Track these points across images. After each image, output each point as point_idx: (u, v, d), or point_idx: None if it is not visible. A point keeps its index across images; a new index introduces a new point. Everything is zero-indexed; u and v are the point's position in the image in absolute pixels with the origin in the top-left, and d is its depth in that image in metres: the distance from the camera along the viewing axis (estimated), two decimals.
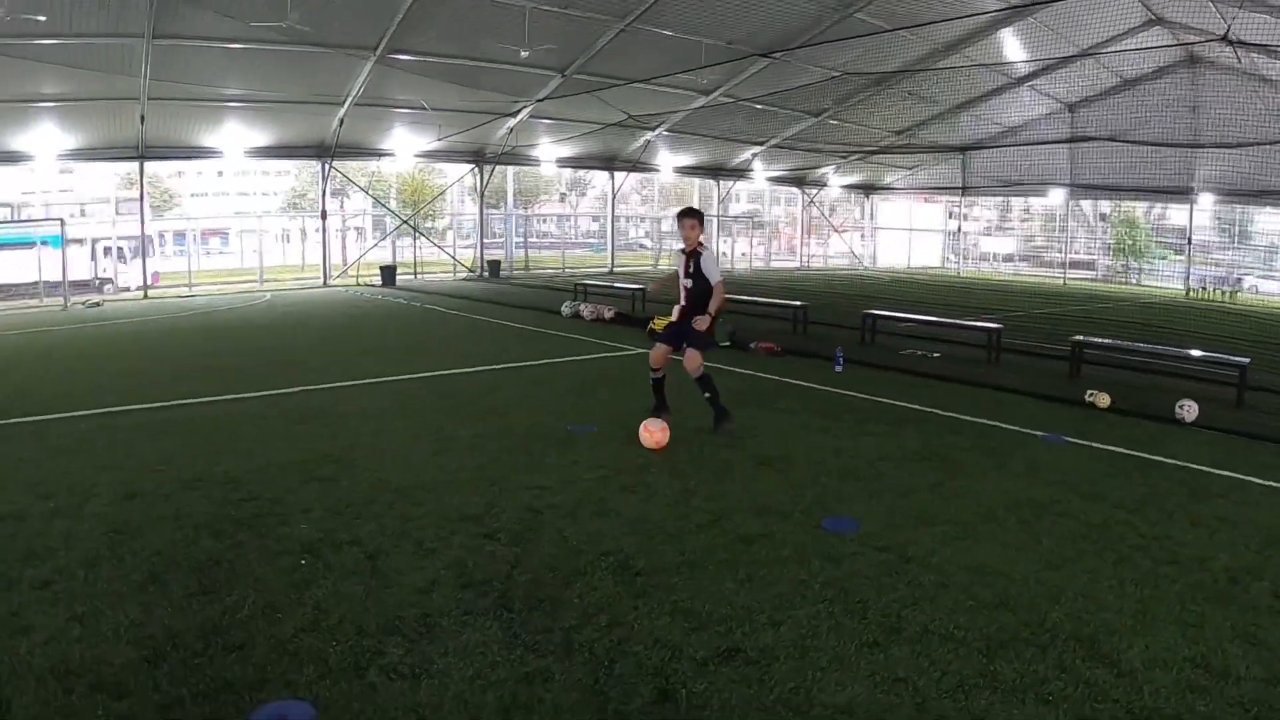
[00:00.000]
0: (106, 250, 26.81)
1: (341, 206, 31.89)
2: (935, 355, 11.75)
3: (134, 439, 6.92)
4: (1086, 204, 32.56)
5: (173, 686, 3.22)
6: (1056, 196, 31.54)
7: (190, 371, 10.23)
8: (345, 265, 28.43)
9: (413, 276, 29.04)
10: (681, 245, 7.36)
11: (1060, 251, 32.69)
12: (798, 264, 37.53)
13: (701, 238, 7.27)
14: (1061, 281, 31.16)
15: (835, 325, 14.07)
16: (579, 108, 25.31)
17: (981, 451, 6.73)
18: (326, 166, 25.62)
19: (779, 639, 3.66)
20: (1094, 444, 7.04)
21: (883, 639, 3.65)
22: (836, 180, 35.64)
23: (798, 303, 14.46)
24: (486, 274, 29.90)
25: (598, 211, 45.93)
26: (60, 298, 20.24)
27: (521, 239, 37.27)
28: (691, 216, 7.25)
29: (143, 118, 20.31)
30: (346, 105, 22.53)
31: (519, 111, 25.89)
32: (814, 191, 36.56)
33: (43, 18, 14.40)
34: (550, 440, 6.96)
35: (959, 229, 35.39)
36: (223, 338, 13.71)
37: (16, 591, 4.01)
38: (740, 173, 34.38)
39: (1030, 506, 5.40)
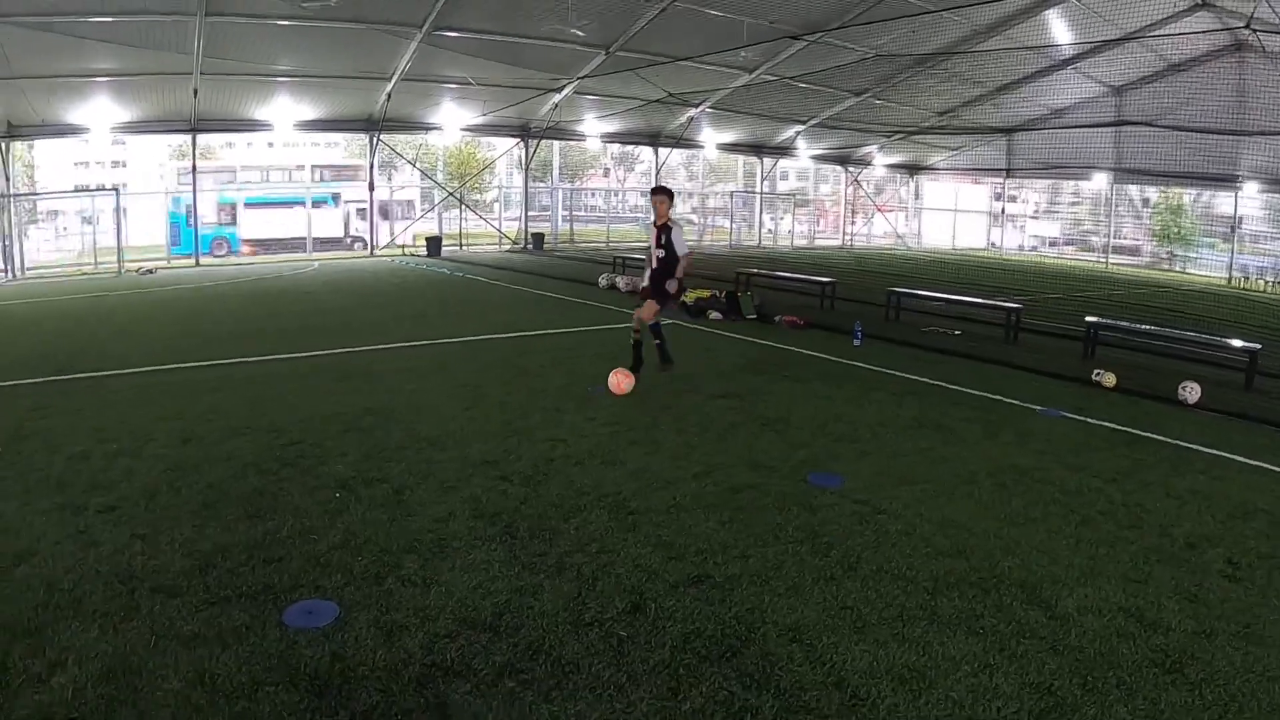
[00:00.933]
0: (360, 212, 30.30)
1: (390, 179, 32.54)
2: (956, 333, 11.94)
3: (189, 393, 7.47)
4: (1133, 189, 31.94)
5: (220, 589, 3.76)
6: (1101, 181, 31.02)
7: (240, 334, 10.88)
8: (399, 235, 29.14)
9: (458, 248, 29.70)
10: (653, 219, 8.15)
11: (1105, 236, 32.19)
12: (840, 242, 37.44)
13: (672, 213, 8.04)
14: (1104, 266, 30.72)
15: (864, 302, 14.27)
16: (622, 84, 25.53)
17: (978, 422, 7.02)
18: (374, 139, 26.27)
19: (745, 569, 4.08)
20: (1090, 419, 7.27)
21: (839, 574, 4.05)
22: (881, 159, 35.41)
23: (826, 279, 14.66)
24: (531, 246, 30.38)
25: (645, 186, 46.19)
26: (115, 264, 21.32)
27: (567, 212, 37.80)
28: (662, 194, 8.06)
29: (195, 91, 21.06)
30: (394, 80, 23.05)
31: (563, 87, 26.22)
32: (857, 170, 36.38)
33: None
34: (571, 399, 7.46)
35: (1003, 211, 34.93)
36: (270, 304, 14.45)
37: (84, 516, 4.59)
38: (783, 150, 34.35)
39: (1011, 472, 5.71)
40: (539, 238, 30.96)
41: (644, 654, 3.29)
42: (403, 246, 28.23)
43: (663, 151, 33.48)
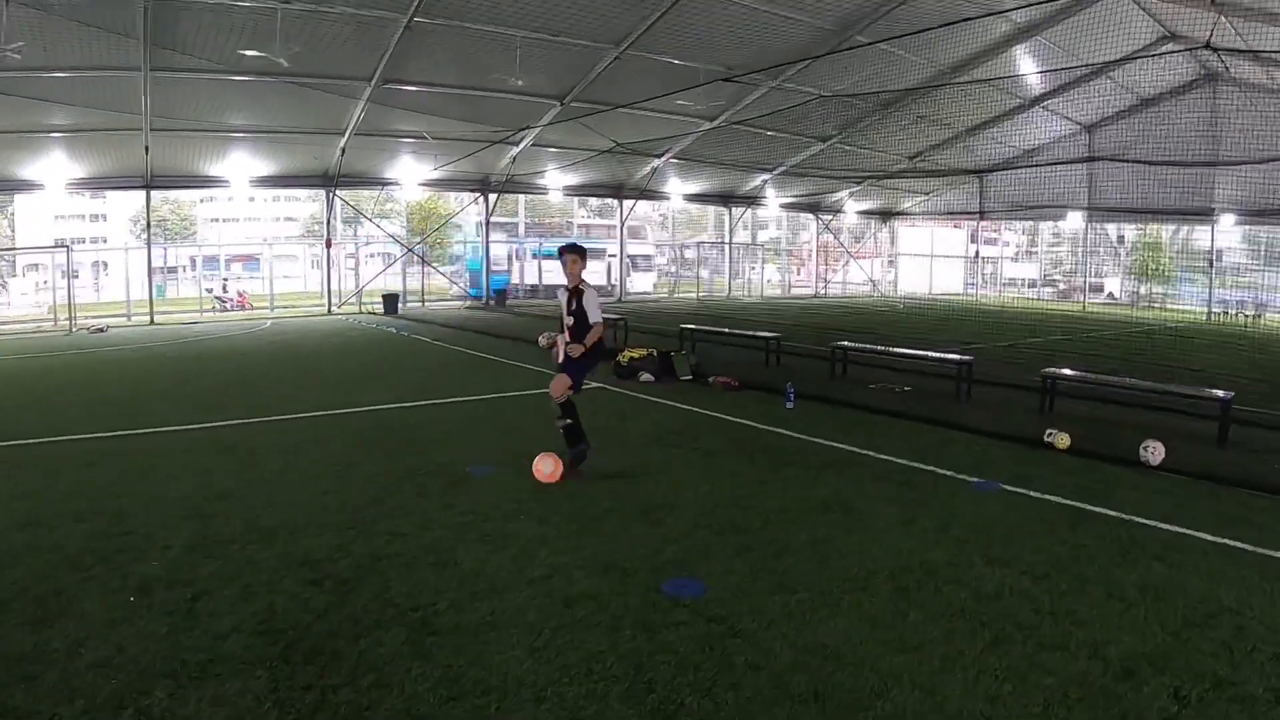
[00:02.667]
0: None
1: (355, 233, 31.89)
2: (906, 389, 10.97)
3: (59, 469, 6.97)
4: (1111, 227, 31.31)
5: None
6: (1077, 220, 30.41)
7: (146, 401, 10.40)
8: (356, 292, 28.37)
9: (420, 304, 28.89)
10: (564, 281, 6.97)
11: (1082, 277, 31.49)
12: (814, 291, 36.73)
13: (585, 275, 6.88)
14: (1081, 307, 29.90)
15: (813, 355, 13.34)
16: (582, 135, 25.01)
17: (898, 502, 6.00)
18: (331, 195, 25.62)
19: (536, 716, 3.09)
20: (1032, 492, 6.26)
21: None
22: (852, 206, 34.87)
23: (770, 334, 13.74)
24: (493, 302, 29.61)
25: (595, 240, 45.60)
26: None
27: (536, 266, 37.03)
28: (573, 252, 6.86)
29: (147, 148, 20.46)
30: (347, 135, 22.50)
31: (520, 140, 25.67)
32: (829, 218, 35.82)
33: (19, 45, 14.30)
34: (445, 479, 6.61)
35: (977, 254, 34.29)
36: (196, 367, 13.67)
37: None
38: (752, 199, 33.81)
39: (919, 571, 4.68)
40: (501, 294, 30.23)
41: None
42: (360, 303, 27.40)
43: (627, 204, 32.95)
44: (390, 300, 26.04)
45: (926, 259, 36.56)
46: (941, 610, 4.17)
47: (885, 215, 36.56)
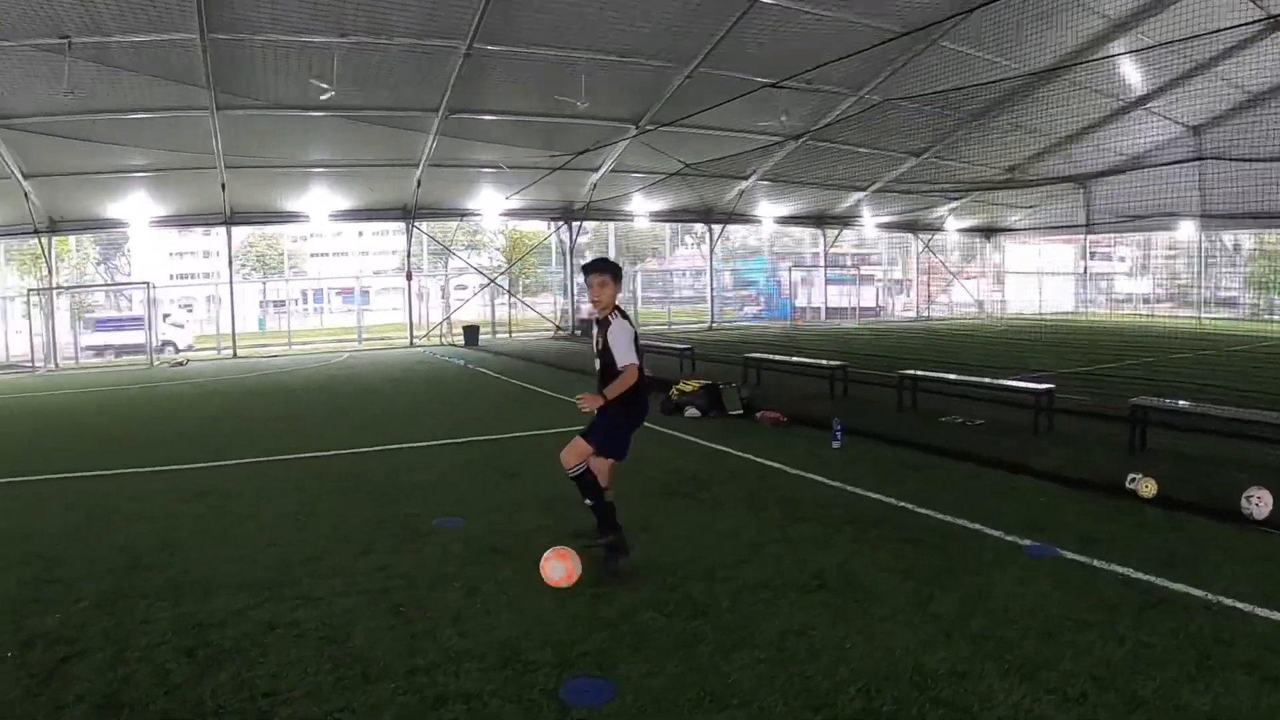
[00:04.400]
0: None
1: (445, 265, 32.18)
2: (979, 422, 9.53)
3: (26, 511, 6.85)
4: (1228, 236, 28.11)
5: None
6: (1190, 229, 27.43)
7: (172, 439, 10.21)
8: (438, 324, 28.47)
9: (506, 335, 28.70)
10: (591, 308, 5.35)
11: (1199, 290, 28.33)
12: (915, 314, 34.64)
13: (618, 301, 5.11)
14: (1198, 322, 26.80)
15: (885, 384, 11.97)
16: (663, 159, 24.31)
17: (917, 575, 4.76)
18: (410, 227, 25.78)
19: None
20: (1095, 561, 4.89)
21: None
22: (953, 223, 32.74)
23: (836, 363, 12.45)
24: (580, 332, 29.05)
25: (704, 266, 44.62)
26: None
27: (629, 294, 36.51)
28: (601, 271, 5.01)
29: (223, 185, 21.03)
30: (421, 166, 22.55)
31: (599, 165, 25.20)
32: (928, 236, 33.78)
33: (67, 88, 14.72)
34: (401, 535, 5.86)
35: (1085, 270, 31.49)
36: (230, 405, 13.49)
37: None
38: (846, 220, 32.23)
39: (905, 683, 3.50)
40: (587, 324, 29.66)
41: None
42: (440, 335, 27.41)
43: (716, 228, 31.97)
44: (471, 332, 25.88)
45: (1035, 277, 33.90)
46: None
47: (988, 232, 34.17)
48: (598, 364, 5.13)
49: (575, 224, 28.80)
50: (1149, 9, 17.53)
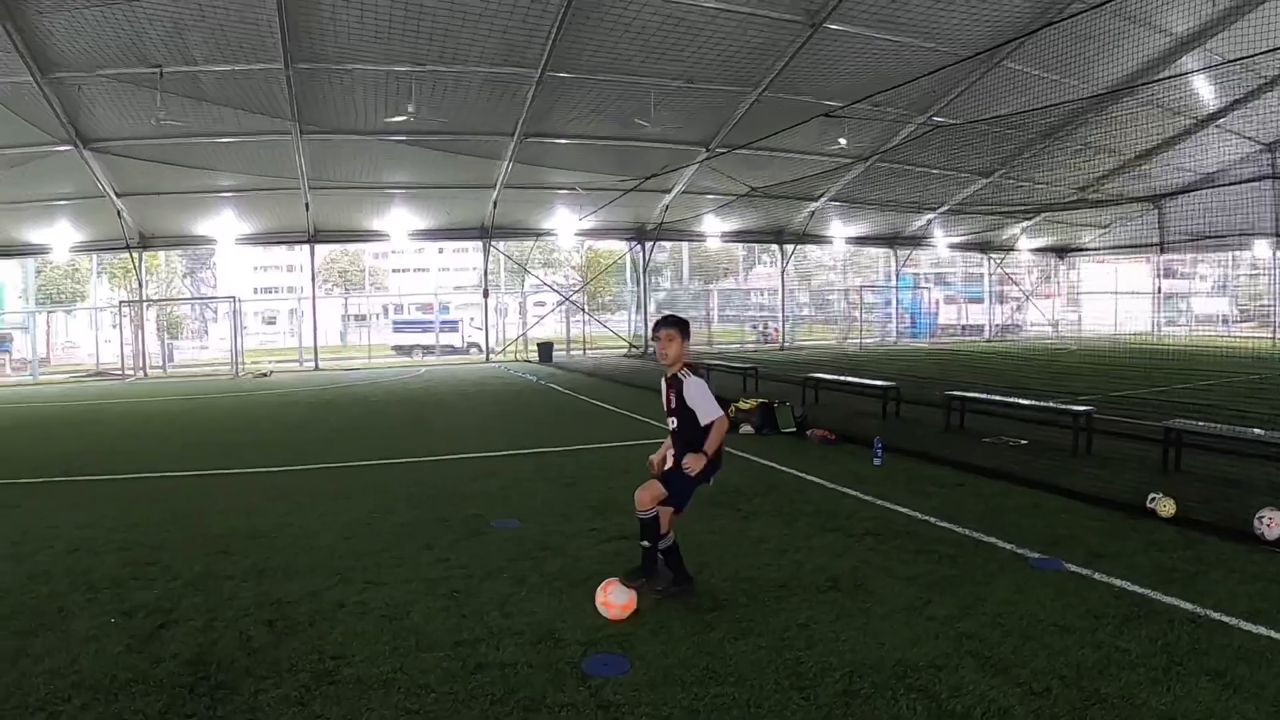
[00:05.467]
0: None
1: (522, 283, 33.29)
2: (1022, 442, 9.69)
3: (127, 505, 7.61)
4: None
5: None
6: (1267, 248, 26.38)
7: (254, 443, 11.26)
8: (514, 340, 29.43)
9: (580, 353, 29.49)
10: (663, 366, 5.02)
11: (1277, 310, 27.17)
12: (987, 335, 34.12)
13: (688, 357, 4.92)
14: (1274, 344, 25.66)
15: (933, 405, 12.16)
16: (733, 182, 24.81)
17: (923, 582, 5.11)
18: (487, 246, 26.82)
19: None
20: (1097, 574, 5.15)
21: None
22: (1026, 243, 32.22)
23: (888, 383, 12.68)
24: (651, 351, 29.61)
25: (766, 283, 44.59)
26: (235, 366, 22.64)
27: (702, 314, 37.02)
28: (670, 326, 4.86)
29: (307, 205, 22.37)
30: (498, 188, 23.54)
31: (672, 188, 25.82)
32: (1001, 257, 33.29)
33: (162, 114, 16.08)
34: (461, 533, 6.50)
35: (1158, 290, 30.55)
36: (308, 415, 14.64)
37: None
38: (918, 240, 32.08)
39: (886, 672, 3.88)
40: None
41: None
42: (515, 352, 28.36)
43: (788, 248, 32.22)
44: (545, 349, 26.73)
45: (1111, 297, 33.02)
46: None
47: (1061, 252, 33.48)
48: (673, 422, 4.87)
49: (649, 244, 29.46)
50: (1217, 25, 17.24)
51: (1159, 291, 30.88)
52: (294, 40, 15.57)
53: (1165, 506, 6.33)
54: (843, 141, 21.51)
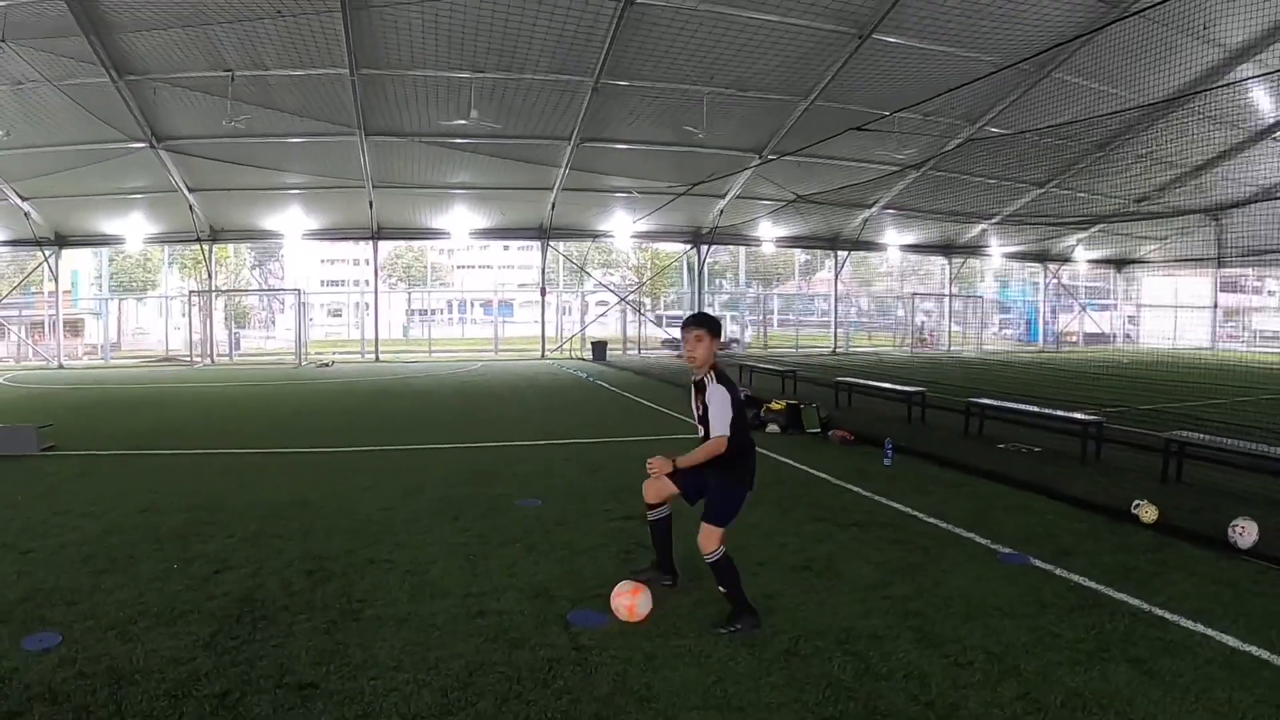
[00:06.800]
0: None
1: (580, 282, 34.08)
2: (1036, 449, 9.92)
3: (192, 474, 8.53)
4: None
5: None
6: None
7: (301, 427, 12.33)
8: (569, 338, 30.20)
9: (634, 351, 30.09)
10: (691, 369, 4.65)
11: None
12: (1040, 346, 33.62)
13: (715, 359, 4.53)
14: None
15: (955, 410, 12.38)
16: (784, 189, 25.11)
17: (891, 566, 5.51)
18: (545, 246, 27.61)
19: (361, 688, 3.35)
20: (1059, 570, 5.44)
21: None
22: (1083, 254, 31.68)
23: (914, 389, 12.94)
24: None
25: (841, 291, 44.38)
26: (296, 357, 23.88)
27: (758, 317, 37.31)
28: (698, 326, 4.49)
29: (371, 203, 23.42)
30: (555, 190, 24.27)
31: (726, 193, 26.22)
32: (1056, 267, 32.78)
33: (245, 117, 17.18)
34: (487, 508, 7.12)
35: (1214, 304, 29.73)
36: (363, 402, 15.63)
37: None
38: (973, 249, 31.82)
39: (829, 638, 4.31)
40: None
41: None
42: (571, 349, 29.10)
43: (841, 255, 32.29)
44: (598, 347, 27.38)
45: (1170, 310, 32.22)
46: (807, 679, 3.84)
47: (1119, 264, 32.81)
48: (702, 431, 4.47)
49: (704, 247, 29.93)
50: (1270, 36, 16.94)
51: (1215, 306, 30.06)
52: (359, 48, 16.51)
53: (1147, 513, 6.58)
54: (897, 153, 21.65)
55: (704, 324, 4.52)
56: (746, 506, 4.64)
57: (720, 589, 4.43)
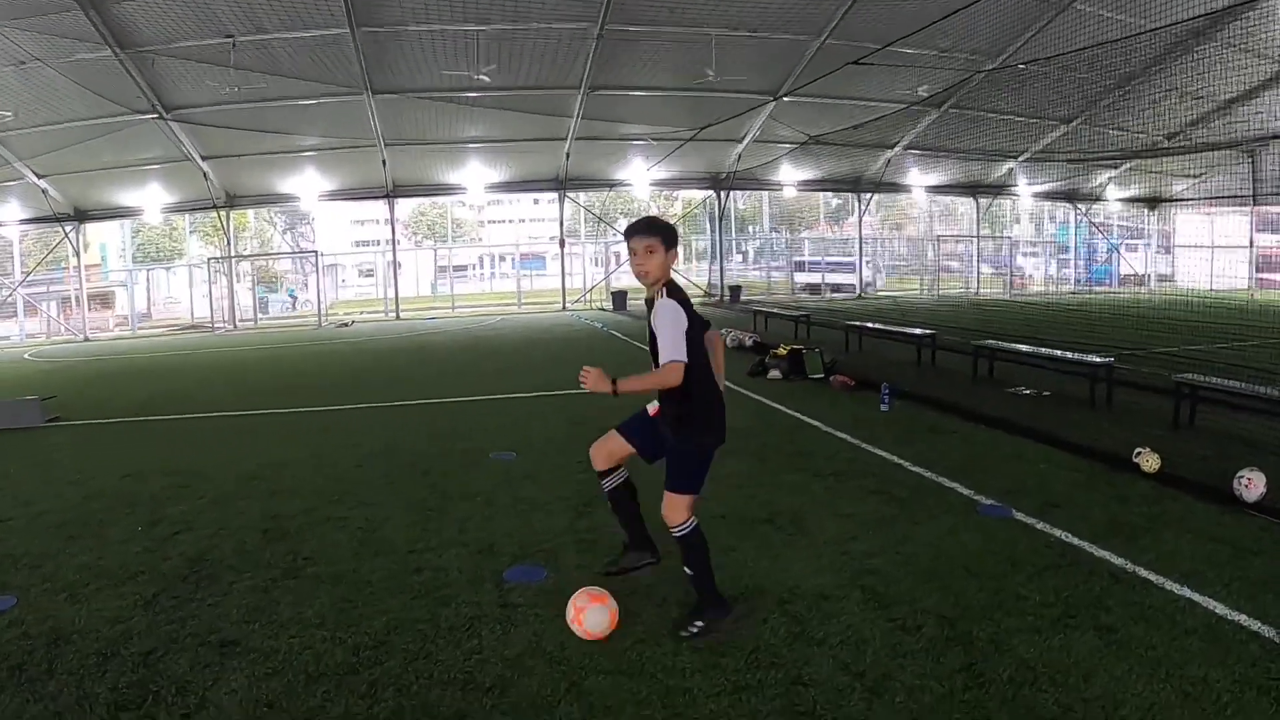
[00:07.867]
0: None
1: (600, 232, 33.64)
2: (1045, 394, 9.41)
3: (183, 440, 8.39)
4: None
5: None
6: None
7: (304, 387, 12.08)
8: (589, 289, 29.86)
9: None
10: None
11: None
12: (1073, 288, 32.51)
13: (673, 271, 3.66)
14: None
15: (967, 353, 11.84)
16: (802, 131, 24.27)
17: (861, 519, 5.15)
18: (562, 197, 27.12)
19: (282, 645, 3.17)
20: (1041, 524, 5.02)
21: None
22: (1114, 192, 30.34)
23: (924, 332, 12.41)
24: (727, 299, 29.52)
25: (869, 234, 43.19)
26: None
27: (780, 263, 36.59)
28: (647, 234, 3.51)
29: (384, 162, 23.09)
30: (569, 140, 23.70)
31: (744, 136, 25.45)
32: (1085, 207, 31.48)
33: (237, 88, 16.81)
34: (459, 462, 6.95)
35: (1251, 243, 28.33)
36: (370, 361, 15.49)
37: None
38: (1000, 189, 30.64)
39: (770, 597, 4.00)
40: (735, 290, 30.04)
41: None
42: (590, 300, 28.79)
43: (864, 197, 31.33)
44: (619, 297, 27.00)
45: (1206, 250, 30.83)
46: (731, 644, 3.51)
47: (1152, 202, 31.39)
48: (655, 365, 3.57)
49: (723, 192, 29.21)
50: None
51: (1251, 245, 28.66)
52: (357, 6, 16.04)
53: (1149, 461, 6.09)
54: (923, 90, 20.67)
55: (656, 230, 3.53)
56: (721, 456, 3.83)
57: (686, 569, 3.61)
